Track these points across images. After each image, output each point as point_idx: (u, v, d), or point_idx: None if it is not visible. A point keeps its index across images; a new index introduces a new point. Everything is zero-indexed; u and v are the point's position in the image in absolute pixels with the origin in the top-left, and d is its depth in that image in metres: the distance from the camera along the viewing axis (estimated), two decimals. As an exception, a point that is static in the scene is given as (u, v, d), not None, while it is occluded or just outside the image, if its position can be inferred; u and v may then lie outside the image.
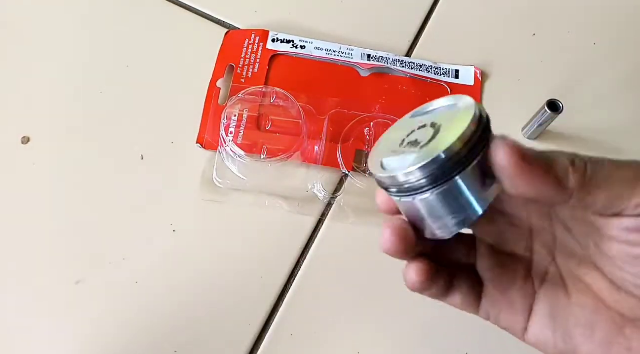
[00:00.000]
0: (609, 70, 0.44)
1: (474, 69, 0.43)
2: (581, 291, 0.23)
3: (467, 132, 0.19)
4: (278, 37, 0.43)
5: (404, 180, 0.20)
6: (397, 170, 0.20)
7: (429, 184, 0.20)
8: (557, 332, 0.23)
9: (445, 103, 0.22)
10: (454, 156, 0.19)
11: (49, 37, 0.44)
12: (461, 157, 0.19)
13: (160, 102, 0.42)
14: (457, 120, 0.20)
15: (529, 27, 0.45)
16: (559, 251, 0.24)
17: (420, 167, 0.20)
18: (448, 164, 0.19)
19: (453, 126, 0.20)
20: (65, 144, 0.40)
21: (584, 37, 0.45)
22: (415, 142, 0.21)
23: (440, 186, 0.20)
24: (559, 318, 0.23)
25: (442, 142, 0.20)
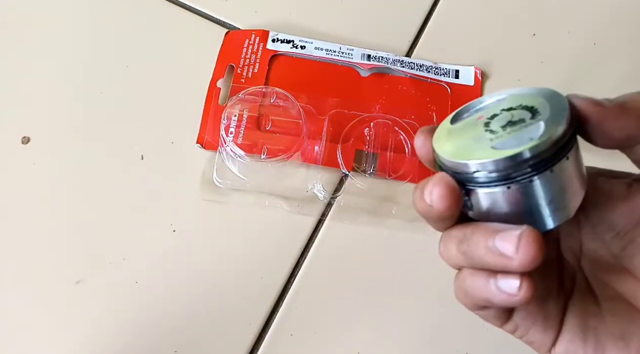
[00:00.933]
0: (609, 70, 0.44)
1: (474, 69, 0.43)
2: (612, 298, 0.21)
3: (569, 114, 0.19)
4: (278, 37, 0.43)
5: (545, 148, 0.18)
6: (535, 138, 0.18)
7: (554, 157, 0.19)
8: (587, 345, 0.21)
9: (498, 97, 0.21)
10: (559, 140, 0.18)
11: (49, 37, 0.44)
12: (572, 138, 0.19)
13: (160, 102, 0.42)
14: (549, 102, 0.20)
15: (529, 27, 0.45)
16: (585, 257, 0.23)
17: (560, 133, 0.18)
18: (554, 149, 0.18)
19: (550, 108, 0.19)
20: (65, 144, 0.40)
21: (584, 37, 0.45)
22: (514, 123, 0.19)
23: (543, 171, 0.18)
24: (589, 328, 0.21)
25: (557, 118, 0.19)
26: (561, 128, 0.19)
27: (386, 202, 0.39)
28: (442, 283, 0.38)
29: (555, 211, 0.20)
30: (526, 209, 0.19)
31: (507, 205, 0.19)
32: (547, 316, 0.22)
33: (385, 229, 0.39)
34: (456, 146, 0.20)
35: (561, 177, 0.19)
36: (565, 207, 0.20)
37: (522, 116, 0.20)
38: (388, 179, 0.39)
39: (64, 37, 0.44)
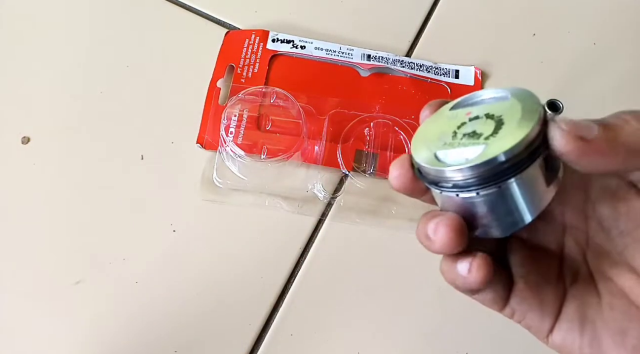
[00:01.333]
0: (609, 70, 0.44)
1: (474, 69, 0.43)
2: (613, 293, 0.22)
3: (532, 133, 0.18)
4: (278, 37, 0.43)
5: (470, 174, 0.19)
6: (462, 163, 0.19)
7: (491, 181, 0.19)
8: (584, 336, 0.22)
9: (495, 94, 0.21)
10: (522, 154, 0.18)
11: (49, 37, 0.44)
12: (525, 157, 0.18)
13: (160, 102, 0.42)
14: (521, 117, 0.19)
15: (529, 27, 0.45)
16: (591, 250, 0.23)
17: (487, 162, 0.18)
18: (517, 163, 0.18)
19: (516, 124, 0.19)
20: (65, 144, 0.40)
21: (584, 37, 0.45)
22: (473, 134, 0.20)
23: (499, 183, 0.19)
24: (587, 320, 0.22)
25: (508, 138, 0.18)
26: (502, 155, 0.18)
27: (386, 202, 0.39)
28: (442, 283, 0.38)
29: (496, 226, 0.20)
30: (480, 214, 0.20)
31: (458, 207, 0.20)
32: (543, 303, 0.22)
33: (385, 229, 0.39)
34: (426, 137, 0.21)
35: (503, 196, 0.19)
36: (505, 222, 0.20)
37: (482, 130, 0.20)
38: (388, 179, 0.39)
39: (64, 37, 0.44)
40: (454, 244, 0.20)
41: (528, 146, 0.18)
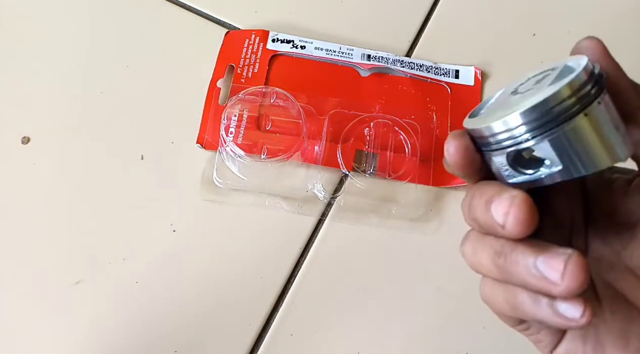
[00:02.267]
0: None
1: (474, 69, 0.43)
2: (613, 297, 0.21)
3: (588, 67, 0.19)
4: (278, 37, 0.43)
5: (537, 114, 0.18)
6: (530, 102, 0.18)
7: (560, 118, 0.18)
8: (587, 343, 0.21)
9: (543, 68, 0.21)
10: (586, 86, 0.18)
11: (49, 37, 0.44)
12: (590, 90, 0.18)
13: (160, 102, 0.42)
14: (577, 61, 0.19)
15: (529, 27, 0.45)
16: (590, 256, 0.23)
17: (549, 98, 0.18)
18: (583, 96, 0.18)
19: (575, 65, 0.19)
20: (65, 144, 0.40)
21: (584, 36, 0.45)
22: (536, 83, 0.20)
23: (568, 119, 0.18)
24: (590, 327, 0.21)
25: (567, 77, 0.18)
26: (581, 72, 0.18)
27: (386, 202, 0.39)
28: (442, 283, 0.38)
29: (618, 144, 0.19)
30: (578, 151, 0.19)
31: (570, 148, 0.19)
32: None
33: (385, 229, 0.39)
34: (492, 117, 0.20)
35: (604, 113, 0.19)
36: (621, 141, 0.19)
37: (544, 79, 0.20)
38: (388, 179, 0.39)
39: (64, 37, 0.44)
40: (526, 230, 0.18)
41: (589, 79, 0.18)
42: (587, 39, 0.20)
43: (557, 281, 0.17)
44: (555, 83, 0.19)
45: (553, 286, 0.17)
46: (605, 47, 0.20)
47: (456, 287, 0.38)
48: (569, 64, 0.20)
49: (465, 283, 0.37)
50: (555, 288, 0.17)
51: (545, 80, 0.20)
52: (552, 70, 0.21)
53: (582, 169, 0.19)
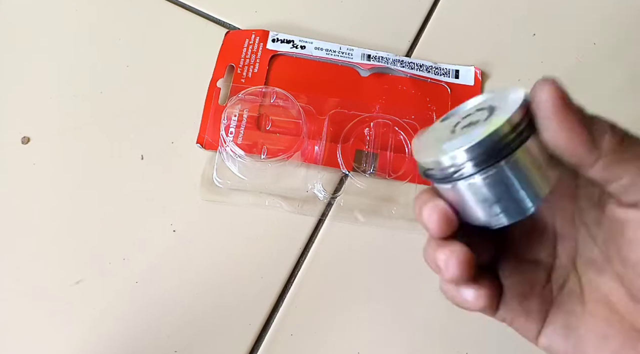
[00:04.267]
0: (609, 70, 0.44)
1: (474, 69, 0.43)
2: (597, 300, 0.22)
3: (515, 116, 0.19)
4: (278, 37, 0.43)
5: (455, 162, 0.20)
6: (457, 147, 0.20)
7: (474, 167, 0.19)
8: (569, 340, 0.22)
9: (483, 98, 0.22)
10: (502, 138, 0.19)
11: (49, 37, 0.44)
12: (509, 140, 0.19)
13: (160, 102, 0.42)
14: (507, 104, 0.20)
15: (529, 27, 0.45)
16: (580, 258, 0.23)
17: (468, 149, 0.19)
18: (496, 146, 0.19)
19: (504, 109, 0.19)
20: (66, 144, 0.40)
21: (584, 37, 0.45)
22: (470, 124, 0.20)
23: (485, 170, 0.19)
24: (572, 327, 0.23)
25: (491, 125, 0.19)
26: (505, 125, 0.19)
27: (386, 202, 0.39)
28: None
29: (491, 215, 0.21)
30: (472, 203, 0.21)
31: (462, 197, 0.21)
32: (529, 312, 0.23)
33: (385, 229, 0.39)
34: (425, 144, 0.22)
35: (509, 172, 0.20)
36: (497, 211, 0.20)
37: (477, 118, 0.20)
38: (388, 179, 0.39)
39: (64, 37, 0.44)
40: (443, 231, 0.21)
41: (517, 125, 0.19)
42: (543, 91, 0.19)
43: (443, 270, 0.21)
44: (487, 123, 0.20)
45: (442, 274, 0.21)
46: (561, 101, 0.19)
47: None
48: (508, 101, 0.20)
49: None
50: (443, 274, 0.21)
51: (480, 122, 0.20)
52: (485, 110, 0.21)
53: (530, 204, 0.20)
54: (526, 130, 0.19)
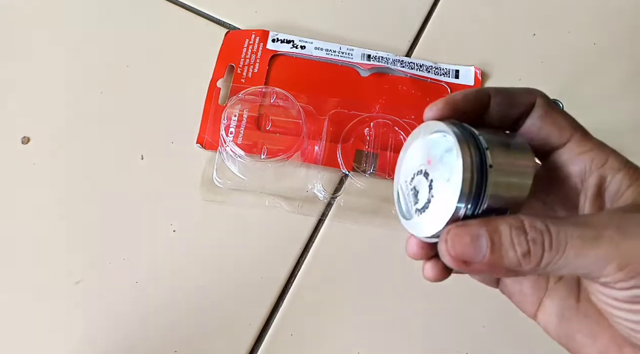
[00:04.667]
0: (609, 70, 0.44)
1: (474, 69, 0.43)
2: (589, 301, 0.23)
3: (465, 187, 0.20)
4: (278, 37, 0.43)
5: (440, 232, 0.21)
6: (419, 232, 0.22)
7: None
8: (561, 329, 0.23)
9: (446, 142, 0.21)
10: (469, 193, 0.20)
11: (49, 37, 0.44)
12: (474, 196, 0.20)
13: (160, 102, 0.42)
14: (451, 171, 0.20)
15: (529, 27, 0.45)
16: None
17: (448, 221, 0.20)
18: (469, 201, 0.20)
19: (450, 180, 0.20)
20: (65, 144, 0.40)
21: (584, 37, 0.45)
22: (416, 194, 0.22)
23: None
24: (564, 318, 0.23)
25: (444, 201, 0.20)
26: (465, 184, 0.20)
27: (386, 202, 0.39)
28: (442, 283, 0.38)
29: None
30: None
31: None
32: (523, 293, 0.24)
33: (385, 229, 0.39)
34: (407, 165, 0.24)
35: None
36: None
37: (419, 187, 0.22)
38: (388, 179, 0.39)
39: (64, 37, 0.44)
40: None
41: (470, 191, 0.20)
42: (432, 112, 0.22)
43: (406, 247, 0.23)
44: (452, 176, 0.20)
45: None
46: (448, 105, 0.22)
47: (456, 287, 0.38)
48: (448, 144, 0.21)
49: (465, 282, 0.37)
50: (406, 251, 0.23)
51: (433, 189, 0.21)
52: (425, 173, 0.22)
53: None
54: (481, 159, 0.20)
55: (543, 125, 0.22)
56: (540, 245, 0.19)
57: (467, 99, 0.22)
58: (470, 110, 0.22)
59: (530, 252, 0.19)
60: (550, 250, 0.19)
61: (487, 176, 0.20)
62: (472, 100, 0.22)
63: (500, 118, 0.23)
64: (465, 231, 0.20)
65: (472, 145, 0.20)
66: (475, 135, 0.20)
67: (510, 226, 0.19)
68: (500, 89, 0.23)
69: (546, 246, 0.19)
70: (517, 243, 0.19)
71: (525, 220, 0.19)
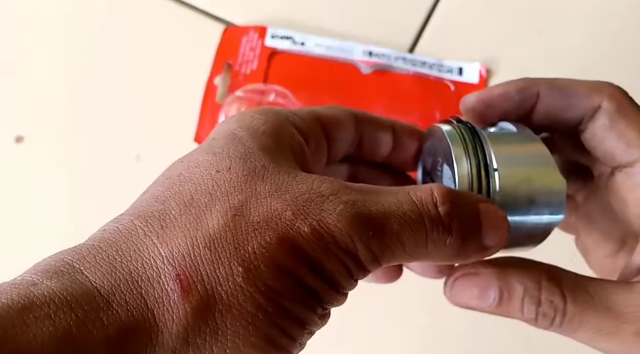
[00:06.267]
0: (618, 67, 0.43)
1: (478, 65, 0.42)
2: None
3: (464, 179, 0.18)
4: (277, 34, 0.43)
5: None
6: None
7: None
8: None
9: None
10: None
11: (46, 36, 0.43)
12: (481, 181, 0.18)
13: (157, 99, 0.41)
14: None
15: (535, 23, 0.45)
16: None
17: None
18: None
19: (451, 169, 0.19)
20: (60, 143, 0.40)
21: (591, 34, 0.44)
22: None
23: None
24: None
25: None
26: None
27: (387, 203, 0.38)
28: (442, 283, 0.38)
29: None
30: None
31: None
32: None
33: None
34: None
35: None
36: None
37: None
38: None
39: (61, 36, 0.43)
40: None
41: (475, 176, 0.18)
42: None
43: None
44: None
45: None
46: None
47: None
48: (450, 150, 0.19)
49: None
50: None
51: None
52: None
53: None
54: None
55: (606, 137, 0.19)
56: (550, 320, 0.18)
57: (507, 96, 0.19)
58: (510, 109, 0.19)
59: (537, 321, 0.18)
60: (559, 327, 0.18)
61: (490, 183, 0.18)
62: (512, 97, 0.19)
63: (552, 121, 0.20)
64: (474, 283, 0.18)
65: (471, 151, 0.18)
66: (480, 137, 0.19)
67: (525, 288, 0.18)
68: (555, 84, 0.19)
69: (556, 323, 0.18)
70: (526, 310, 0.18)
71: (544, 288, 0.17)
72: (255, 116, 0.18)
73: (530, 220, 0.18)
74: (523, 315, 0.18)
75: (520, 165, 0.18)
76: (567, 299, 0.17)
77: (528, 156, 0.18)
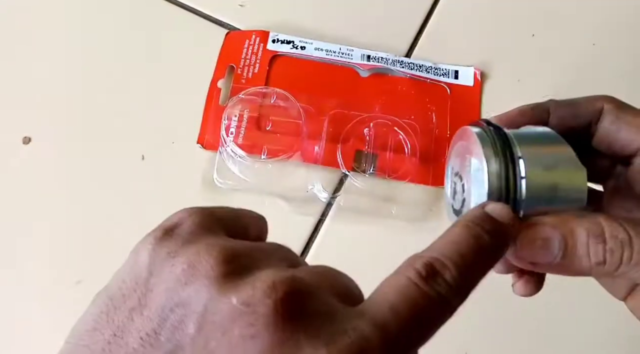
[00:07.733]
0: (609, 70, 0.44)
1: (473, 69, 0.43)
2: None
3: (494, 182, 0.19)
4: (278, 38, 0.43)
5: None
6: None
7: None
8: None
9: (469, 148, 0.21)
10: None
11: (50, 37, 0.44)
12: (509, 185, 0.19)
13: (161, 102, 0.42)
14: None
15: (528, 27, 0.45)
16: None
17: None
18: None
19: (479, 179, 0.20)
20: (66, 144, 0.40)
21: (583, 37, 0.45)
22: (453, 196, 0.22)
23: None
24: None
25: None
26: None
27: (386, 202, 0.39)
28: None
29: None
30: None
31: None
32: (613, 281, 0.23)
33: (385, 229, 0.39)
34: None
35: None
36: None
37: (457, 187, 0.21)
38: (388, 179, 0.39)
39: (65, 37, 0.44)
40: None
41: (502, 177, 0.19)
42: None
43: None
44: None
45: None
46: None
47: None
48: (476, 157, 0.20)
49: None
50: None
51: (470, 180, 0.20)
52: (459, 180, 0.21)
53: None
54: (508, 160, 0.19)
55: (618, 130, 0.21)
56: (619, 258, 0.17)
57: (523, 112, 0.22)
58: (528, 123, 0.22)
59: (606, 263, 0.18)
60: (628, 263, 0.17)
61: (517, 182, 0.19)
62: (527, 112, 0.22)
63: (564, 130, 0.21)
64: (536, 233, 0.18)
65: (500, 150, 0.19)
66: (508, 137, 0.20)
67: (588, 232, 0.18)
68: (561, 102, 0.22)
69: (625, 259, 0.17)
70: (593, 253, 0.18)
71: (605, 226, 0.18)
72: None
73: (554, 211, 0.19)
74: (590, 261, 0.18)
75: (546, 162, 0.19)
76: (631, 232, 0.17)
77: (552, 153, 0.20)
